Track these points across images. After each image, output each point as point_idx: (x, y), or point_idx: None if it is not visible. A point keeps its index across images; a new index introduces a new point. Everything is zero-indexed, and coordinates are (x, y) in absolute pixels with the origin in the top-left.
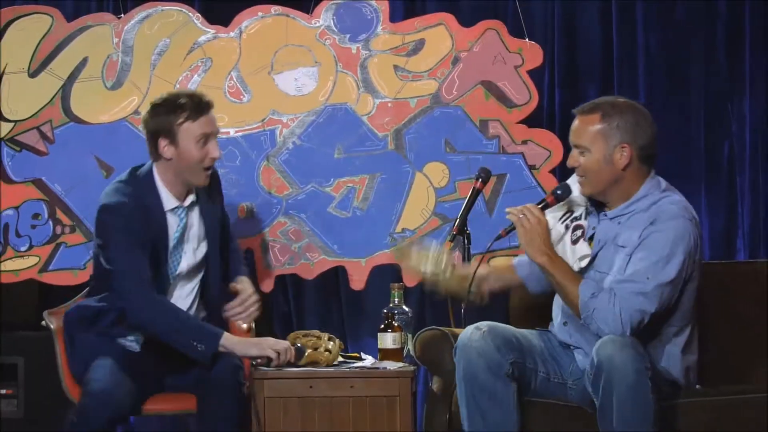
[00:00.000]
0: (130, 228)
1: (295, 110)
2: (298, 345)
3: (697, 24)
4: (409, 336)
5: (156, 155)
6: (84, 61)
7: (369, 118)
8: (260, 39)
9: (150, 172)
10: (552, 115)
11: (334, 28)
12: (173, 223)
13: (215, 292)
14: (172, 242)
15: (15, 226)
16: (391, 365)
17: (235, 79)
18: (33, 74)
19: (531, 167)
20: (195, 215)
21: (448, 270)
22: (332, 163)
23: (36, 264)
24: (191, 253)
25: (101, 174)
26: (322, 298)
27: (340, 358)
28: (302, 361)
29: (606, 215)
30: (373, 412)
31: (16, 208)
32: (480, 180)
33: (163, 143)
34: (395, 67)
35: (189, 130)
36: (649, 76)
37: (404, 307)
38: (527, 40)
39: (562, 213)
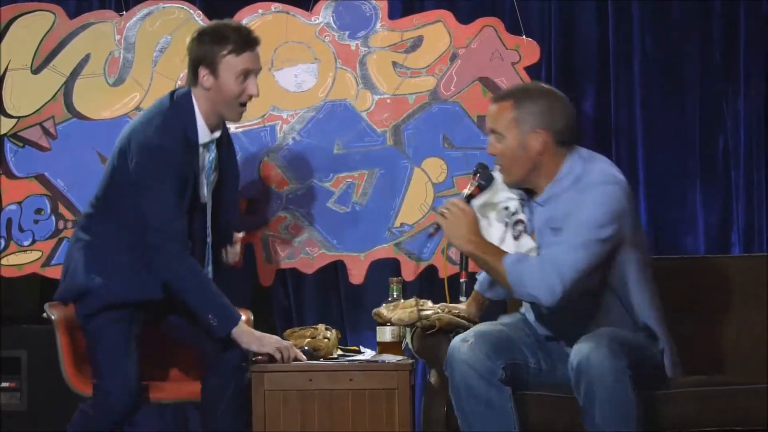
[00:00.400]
0: (177, 174)
1: (295, 106)
2: (305, 347)
3: (692, 22)
4: (408, 330)
5: (194, 83)
6: (86, 58)
7: (368, 114)
8: (260, 36)
9: (189, 97)
10: None
11: (334, 25)
12: (205, 157)
13: (228, 217)
14: (204, 176)
15: (18, 221)
16: (389, 358)
17: None
18: (36, 71)
19: None
20: (212, 153)
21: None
22: (331, 158)
23: (39, 258)
24: (210, 183)
25: (103, 168)
26: (322, 293)
27: (340, 351)
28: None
29: (537, 202)
30: (372, 405)
31: (19, 203)
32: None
33: (203, 72)
34: (394, 63)
35: (231, 63)
36: (644, 73)
37: (403, 300)
38: (524, 37)
39: (499, 212)
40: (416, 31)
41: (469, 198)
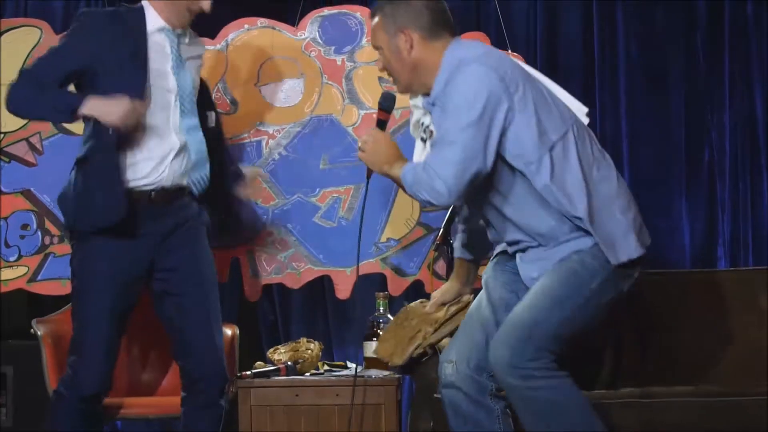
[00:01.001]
0: (80, 34)
1: (281, 121)
2: (288, 362)
3: (676, 30)
4: None
5: None
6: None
7: (354, 129)
8: (246, 51)
9: None
10: None
11: (320, 40)
12: (163, 42)
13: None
14: (171, 62)
15: (4, 237)
16: (376, 373)
17: (221, 91)
18: None
19: None
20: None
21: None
22: (318, 173)
23: (25, 274)
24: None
25: None
26: (309, 307)
27: (326, 366)
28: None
29: (430, 104)
30: (359, 420)
31: (5, 218)
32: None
33: None
34: (380, 78)
35: None
36: (630, 83)
37: (389, 315)
38: (509, 51)
39: (416, 129)
40: None
41: (380, 124)
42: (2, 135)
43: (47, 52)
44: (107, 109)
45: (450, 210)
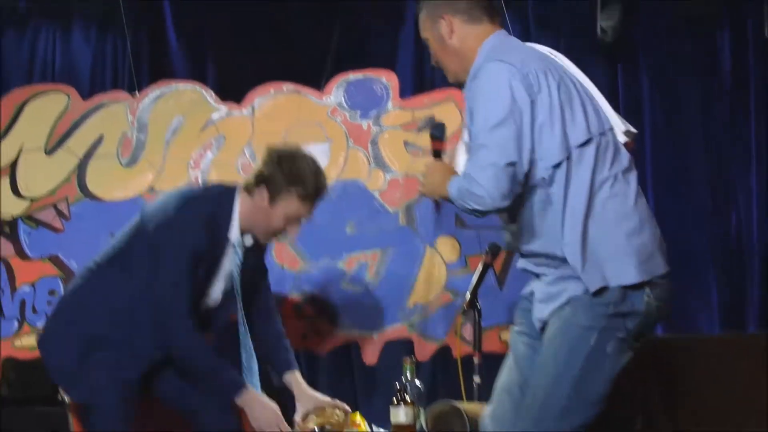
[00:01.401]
0: (197, 246)
1: None
2: (315, 429)
3: (701, 95)
4: (422, 410)
5: (249, 189)
6: (99, 139)
7: (380, 194)
8: (273, 116)
9: (233, 194)
10: None
11: (345, 105)
12: (231, 256)
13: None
14: (222, 274)
15: (32, 302)
16: None
17: (248, 156)
18: (49, 152)
19: None
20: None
21: None
22: (344, 238)
23: None
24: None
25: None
26: (335, 372)
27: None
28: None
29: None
30: None
31: (33, 284)
32: (490, 255)
33: (262, 191)
34: (406, 142)
35: (291, 203)
36: (655, 146)
37: (416, 381)
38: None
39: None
40: (428, 110)
41: (436, 154)
42: (30, 201)
43: (175, 273)
44: (261, 415)
45: (477, 276)
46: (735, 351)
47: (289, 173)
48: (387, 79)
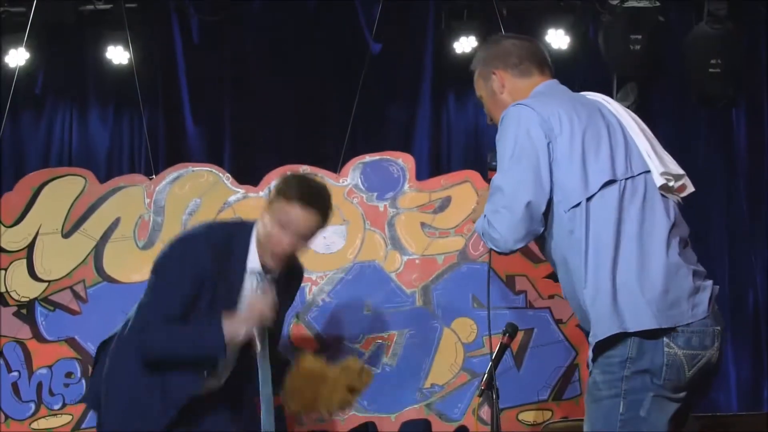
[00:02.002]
0: (196, 261)
1: (324, 268)
2: None
3: (718, 173)
4: None
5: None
6: (116, 222)
7: (397, 275)
8: None
9: (252, 225)
10: None
11: (362, 187)
12: (249, 285)
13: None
14: (243, 303)
15: (48, 385)
16: None
17: None
18: (66, 235)
19: (558, 321)
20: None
21: None
22: (361, 319)
23: (69, 423)
24: None
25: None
26: None
27: None
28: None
29: None
30: None
31: (50, 366)
32: (507, 335)
33: (264, 214)
34: (422, 224)
35: (281, 210)
36: None
37: None
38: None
39: None
40: (444, 192)
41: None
42: (47, 284)
43: (163, 288)
44: (247, 318)
45: (494, 356)
46: (753, 430)
47: (279, 184)
48: (403, 161)
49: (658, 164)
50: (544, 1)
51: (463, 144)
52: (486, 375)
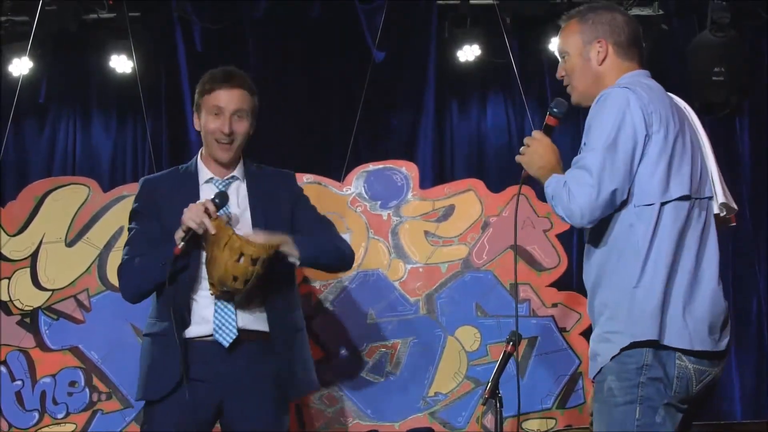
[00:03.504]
0: (144, 199)
1: (328, 276)
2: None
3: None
4: None
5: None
6: (120, 231)
7: (401, 284)
8: None
9: (196, 154)
10: (581, 278)
11: (365, 195)
12: (208, 193)
13: None
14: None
15: (52, 394)
16: None
17: None
18: (70, 244)
19: (561, 330)
20: (241, 192)
21: None
22: (365, 328)
23: (73, 431)
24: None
25: (137, 341)
26: None
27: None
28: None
29: None
30: None
31: (53, 375)
32: (511, 343)
33: (196, 118)
34: (426, 232)
35: (206, 101)
36: None
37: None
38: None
39: None
40: (448, 200)
41: (547, 129)
42: (50, 292)
43: (131, 231)
44: (186, 216)
45: (498, 364)
46: None
47: (198, 89)
48: (407, 170)
49: (721, 194)
50: (547, 10)
51: (466, 152)
52: (490, 383)
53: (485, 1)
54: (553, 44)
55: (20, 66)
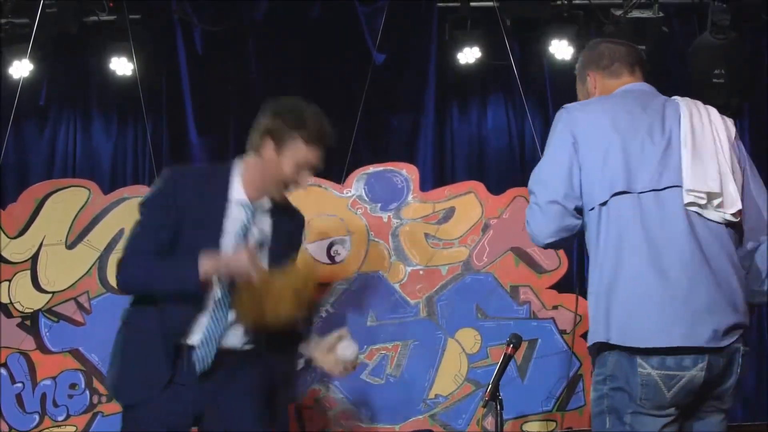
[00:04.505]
0: (168, 192)
1: (328, 279)
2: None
3: None
4: None
5: (255, 149)
6: (120, 233)
7: (401, 286)
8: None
9: (230, 164)
10: (582, 280)
11: (366, 198)
12: (236, 215)
13: None
14: (229, 232)
15: (52, 396)
16: None
17: None
18: (70, 246)
19: (562, 332)
20: (266, 225)
21: None
22: (365, 330)
23: None
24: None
25: None
26: None
27: None
28: None
29: None
30: None
31: (54, 378)
32: (511, 346)
33: (268, 143)
34: (426, 235)
35: (299, 150)
36: None
37: None
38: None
39: None
40: (448, 202)
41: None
42: (51, 295)
43: (140, 224)
44: (233, 264)
45: (499, 366)
46: None
47: (292, 118)
48: (407, 172)
49: (691, 181)
50: (548, 12)
51: (466, 154)
52: (490, 385)
53: (486, 3)
54: (554, 46)
55: (20, 68)
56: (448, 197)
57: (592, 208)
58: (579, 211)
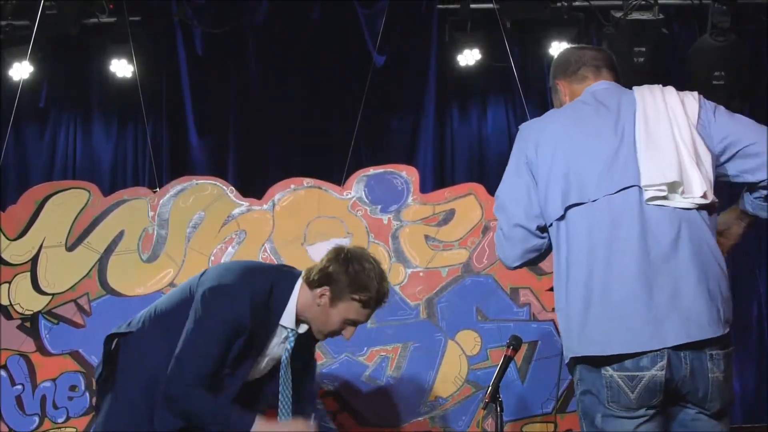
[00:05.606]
0: (239, 320)
1: None
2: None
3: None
4: None
5: (311, 284)
6: (120, 235)
7: (401, 288)
8: (293, 211)
9: (296, 277)
10: None
11: (366, 200)
12: (280, 340)
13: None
14: (267, 355)
15: (52, 398)
16: None
17: (268, 251)
18: (70, 248)
19: None
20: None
21: None
22: (365, 332)
23: None
24: (262, 366)
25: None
26: None
27: None
28: None
29: None
30: None
31: (54, 380)
32: (511, 348)
33: (324, 290)
34: (426, 237)
35: (351, 309)
36: None
37: None
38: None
39: None
40: (448, 204)
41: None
42: (50, 296)
43: (203, 340)
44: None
45: (499, 368)
46: None
47: (355, 279)
48: (407, 174)
49: (647, 176)
50: (547, 14)
51: (467, 156)
52: (490, 387)
53: (486, 5)
54: (554, 48)
55: (21, 70)
56: (448, 199)
57: (551, 225)
58: (543, 229)
